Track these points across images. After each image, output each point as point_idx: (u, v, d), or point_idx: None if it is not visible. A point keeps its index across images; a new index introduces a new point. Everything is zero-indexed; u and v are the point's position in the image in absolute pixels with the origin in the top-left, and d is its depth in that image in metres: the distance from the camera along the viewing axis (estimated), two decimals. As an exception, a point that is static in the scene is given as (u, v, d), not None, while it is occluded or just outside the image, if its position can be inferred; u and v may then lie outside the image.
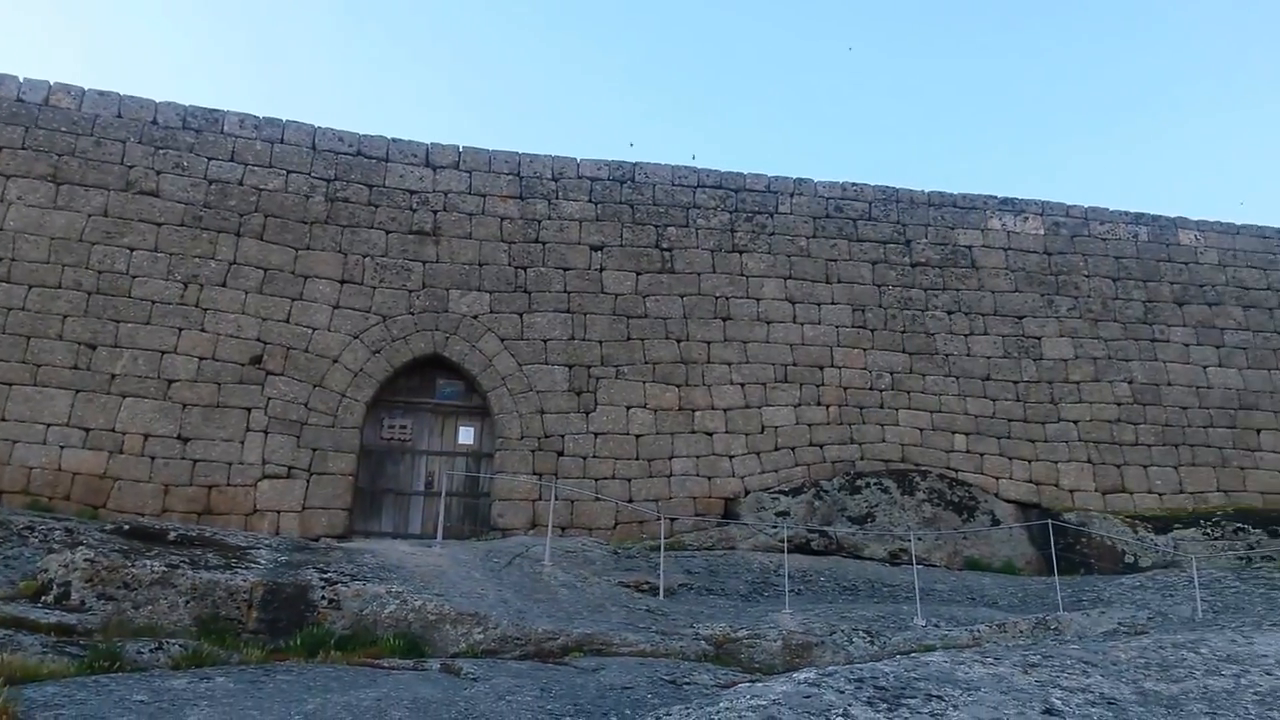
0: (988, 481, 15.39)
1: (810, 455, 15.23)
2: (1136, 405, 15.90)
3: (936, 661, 5.59)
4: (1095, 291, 16.53)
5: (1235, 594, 11.58)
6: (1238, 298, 16.73)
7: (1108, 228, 16.99)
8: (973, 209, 16.94)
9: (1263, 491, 15.53)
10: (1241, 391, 16.13)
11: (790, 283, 16.08)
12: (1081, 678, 5.16)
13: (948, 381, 15.84)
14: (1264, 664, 5.30)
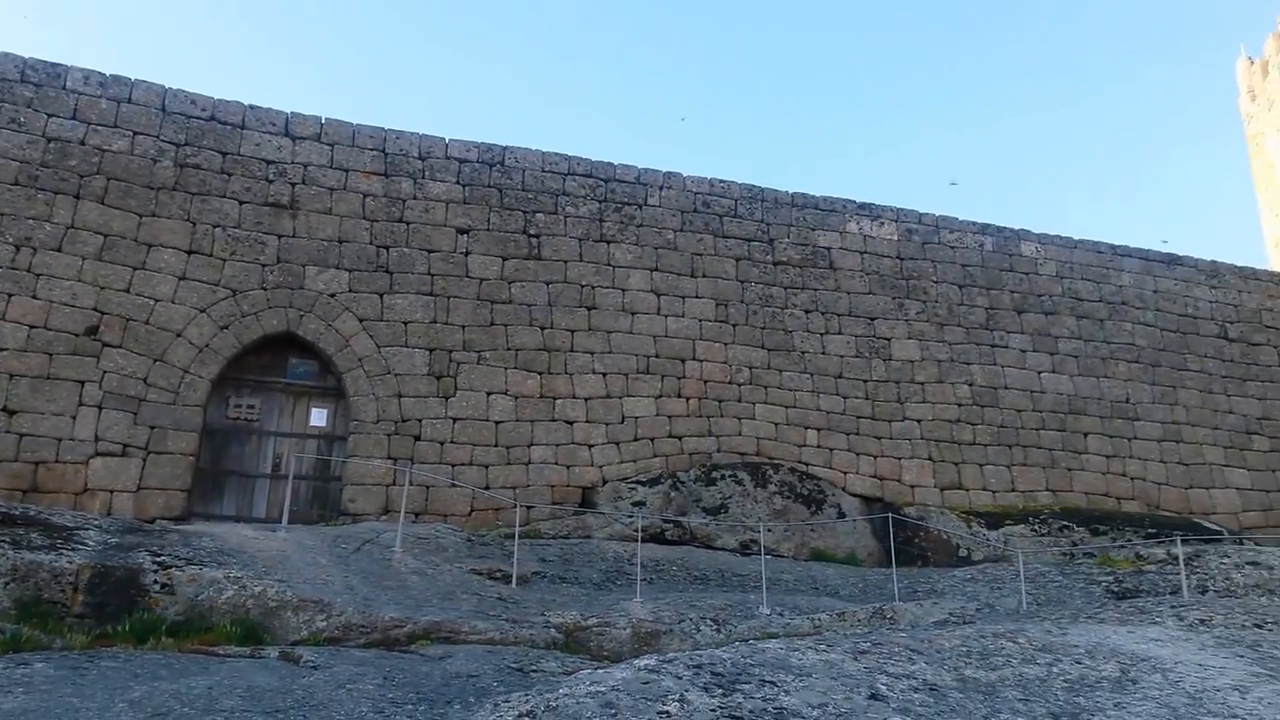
0: (836, 476, 15.89)
1: (669, 447, 15.40)
2: (975, 407, 16.70)
3: (772, 648, 5.75)
4: (943, 297, 17.26)
5: (1057, 588, 12.30)
6: (1072, 308, 17.74)
7: (957, 236, 17.75)
8: (833, 212, 17.44)
9: (1087, 492, 16.54)
10: (1071, 397, 17.13)
11: (656, 275, 16.20)
12: (907, 664, 5.40)
13: (803, 378, 16.27)
14: (1075, 654, 5.67)
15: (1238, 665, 6.07)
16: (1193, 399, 17.63)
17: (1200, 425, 17.51)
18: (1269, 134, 31.69)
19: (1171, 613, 8.64)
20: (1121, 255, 18.37)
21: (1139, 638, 6.21)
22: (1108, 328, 17.73)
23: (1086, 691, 5.06)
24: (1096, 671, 5.35)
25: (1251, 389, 18.07)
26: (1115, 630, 6.50)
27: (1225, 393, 17.89)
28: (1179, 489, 17.02)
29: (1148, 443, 17.16)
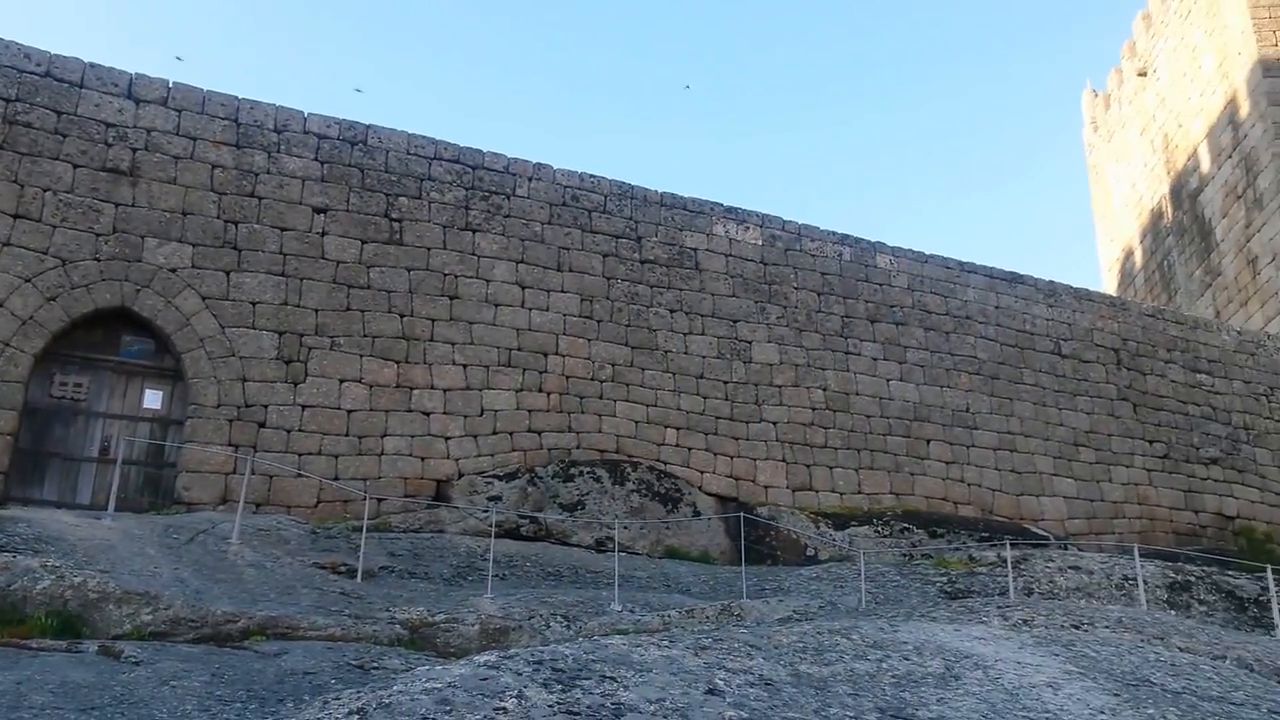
0: (693, 475, 16.07)
1: (528, 441, 15.27)
2: (828, 411, 17.16)
3: (615, 644, 5.75)
4: (802, 303, 17.68)
5: (895, 587, 12.75)
6: (921, 320, 18.44)
7: (817, 245, 18.21)
8: (700, 214, 17.63)
9: (927, 496, 17.22)
10: (917, 405, 17.80)
11: (522, 267, 16.04)
12: (745, 660, 5.47)
13: (665, 377, 16.39)
14: (904, 650, 5.86)
15: (1053, 663, 6.40)
16: (1027, 411, 18.57)
17: (1033, 436, 18.46)
18: (1107, 164, 33.76)
19: (998, 613, 9.05)
20: (968, 271, 19.20)
21: (964, 636, 6.48)
22: (952, 340, 18.51)
23: (912, 687, 5.24)
24: (923, 668, 5.55)
25: (1081, 404, 19.16)
26: (943, 629, 6.77)
27: (1057, 406, 18.92)
28: (1011, 496, 17.91)
29: (985, 451, 17.99)
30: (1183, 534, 18.88)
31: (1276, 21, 23.81)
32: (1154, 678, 7.01)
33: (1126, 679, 6.69)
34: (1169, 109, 28.78)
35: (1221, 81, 25.47)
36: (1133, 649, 8.07)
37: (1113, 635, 8.91)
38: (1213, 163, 26.08)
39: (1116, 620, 9.62)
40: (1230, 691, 7.44)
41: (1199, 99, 26.76)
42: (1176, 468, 19.46)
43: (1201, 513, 19.40)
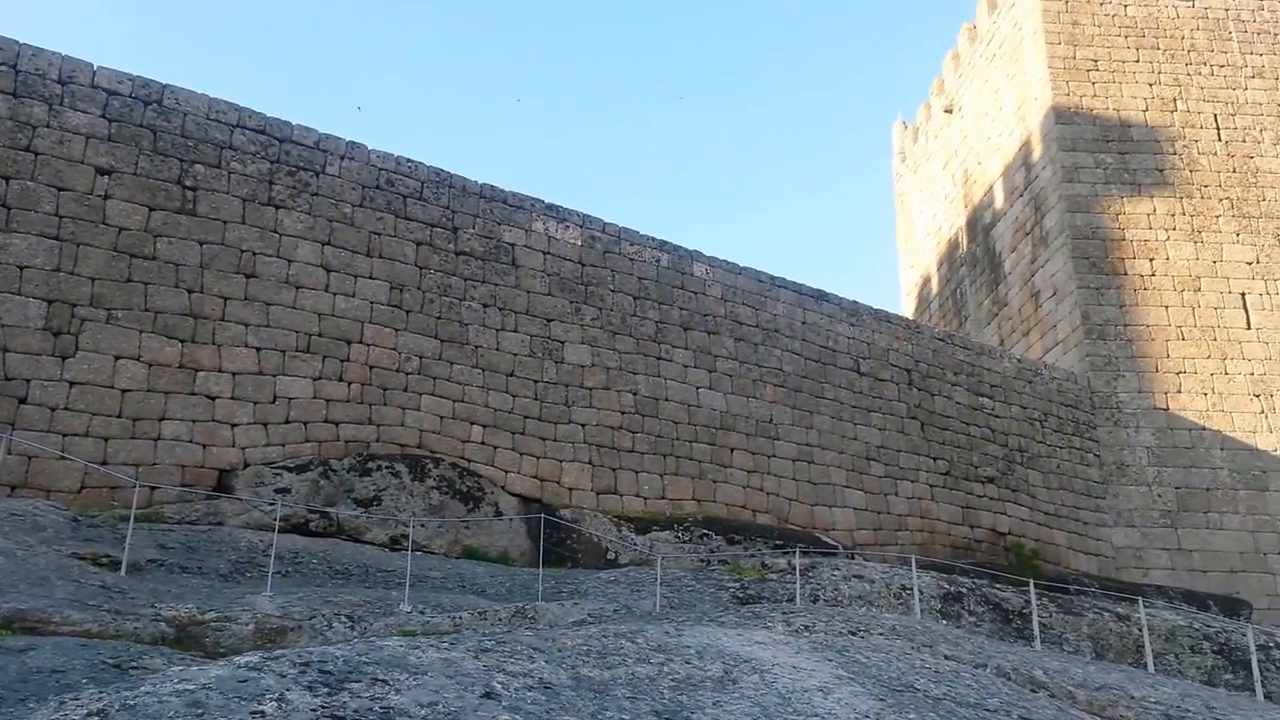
0: (497, 474, 15.80)
1: (324, 432, 14.61)
2: (637, 415, 17.26)
3: (391, 646, 5.49)
4: (617, 306, 17.73)
5: (690, 592, 12.92)
6: (732, 330, 18.85)
7: (636, 249, 18.31)
8: (520, 209, 17.39)
9: (728, 503, 17.59)
10: (723, 414, 18.17)
11: (328, 249, 15.35)
12: (527, 663, 5.34)
13: (474, 373, 16.05)
14: (686, 654, 5.87)
15: (826, 668, 6.58)
16: (825, 424, 19.29)
17: (829, 449, 19.18)
18: (912, 193, 35.71)
19: (782, 618, 9.28)
20: (779, 286, 19.78)
21: (746, 641, 6.57)
22: (760, 352, 19.01)
23: (691, 690, 5.24)
24: (702, 671, 5.57)
25: (875, 420, 20.07)
26: (726, 633, 6.84)
27: (853, 421, 19.74)
28: (806, 505, 18.54)
29: (784, 461, 18.55)
30: (959, 547, 20.07)
31: (1071, 72, 25.80)
32: (918, 684, 7.32)
33: (893, 684, 6.95)
34: (970, 146, 30.70)
35: (1019, 124, 27.38)
36: (901, 656, 8.42)
37: (886, 642, 9.28)
38: (1006, 200, 27.99)
39: (891, 628, 10.04)
40: (986, 698, 7.86)
41: (998, 139, 28.68)
42: (957, 485, 20.67)
43: (977, 528, 20.67)
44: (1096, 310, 23.87)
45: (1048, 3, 26.31)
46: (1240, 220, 24.60)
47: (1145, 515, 22.51)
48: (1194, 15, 26.49)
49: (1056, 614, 15.13)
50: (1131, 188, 24.75)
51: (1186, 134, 25.25)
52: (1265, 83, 25.87)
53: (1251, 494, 22.65)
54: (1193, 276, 24.12)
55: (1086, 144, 25.08)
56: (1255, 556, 22.21)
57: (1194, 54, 26.05)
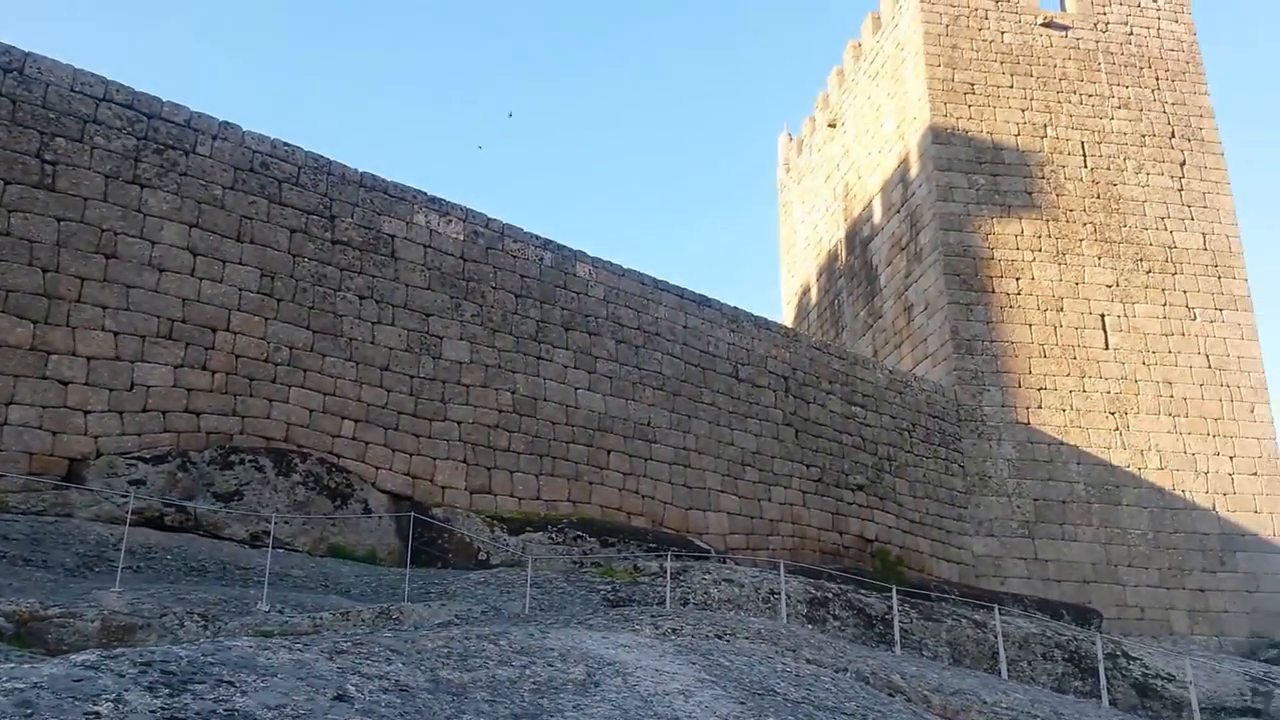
0: (368, 470, 15.41)
1: (184, 422, 13.99)
2: (515, 415, 17.08)
3: (240, 646, 5.27)
4: (499, 304, 17.52)
5: (561, 594, 12.84)
6: (613, 332, 18.84)
7: (520, 247, 18.14)
8: (402, 200, 17.02)
9: (603, 505, 17.57)
10: (602, 415, 18.15)
11: (196, 232, 14.71)
12: (383, 665, 5.18)
13: (347, 366, 15.63)
14: (549, 656, 5.79)
15: (690, 671, 6.60)
16: (702, 429, 19.48)
17: (706, 453, 19.37)
18: (796, 204, 36.47)
19: (650, 621, 9.30)
20: (662, 289, 19.88)
21: (611, 643, 6.53)
22: (641, 355, 19.06)
23: (551, 693, 5.17)
24: (565, 674, 5.51)
25: (751, 426, 20.36)
26: (593, 636, 6.80)
27: (730, 426, 19.99)
28: (681, 509, 18.68)
29: (660, 464, 18.64)
30: (828, 553, 20.53)
31: (949, 94, 26.73)
32: (779, 687, 7.42)
33: (754, 688, 7.02)
34: (852, 160, 31.53)
35: (898, 142, 28.24)
36: (765, 660, 8.52)
37: (751, 646, 9.39)
38: (884, 215, 28.83)
39: (757, 632, 10.18)
40: (844, 702, 8.03)
41: (878, 155, 29.52)
42: (828, 491, 21.14)
43: (845, 534, 21.19)
44: (965, 326, 24.79)
45: (929, 26, 27.23)
46: (1102, 244, 25.92)
47: (1005, 525, 23.46)
48: (1066, 45, 27.81)
49: (917, 620, 15.60)
50: (1001, 209, 25.81)
51: (1055, 159, 26.48)
52: (1130, 114, 27.34)
53: (1105, 508, 23.85)
54: (1056, 297, 25.29)
55: (961, 164, 26.04)
56: (1107, 568, 23.38)
57: (1065, 83, 27.34)
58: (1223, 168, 27.04)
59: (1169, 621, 22.98)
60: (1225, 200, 26.71)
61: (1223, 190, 26.78)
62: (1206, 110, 27.68)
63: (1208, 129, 27.45)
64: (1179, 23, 28.55)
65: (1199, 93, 27.81)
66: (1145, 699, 15.69)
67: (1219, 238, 26.35)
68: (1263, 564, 23.87)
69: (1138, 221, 26.19)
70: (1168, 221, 26.31)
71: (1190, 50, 28.26)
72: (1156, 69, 27.84)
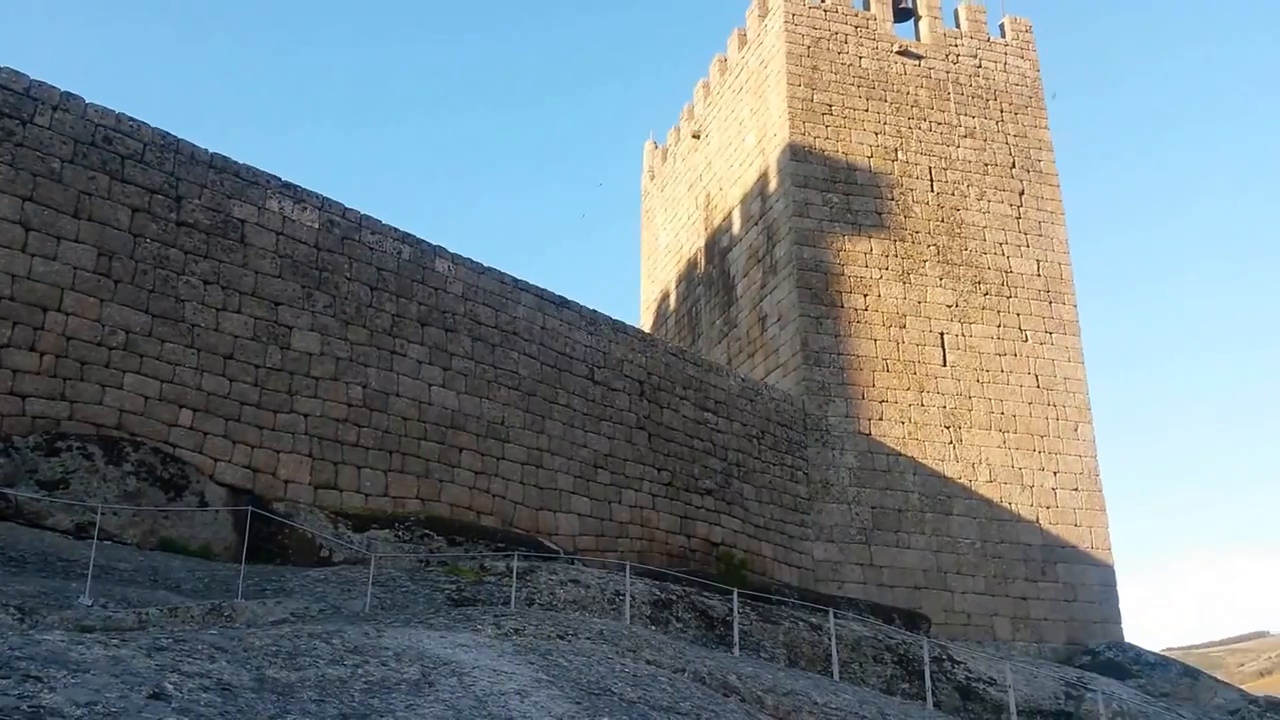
0: (206, 462, 14.84)
1: (7, 405, 13.20)
2: (365, 409, 16.74)
3: (51, 641, 5.06)
4: (353, 295, 17.13)
5: (405, 593, 12.67)
6: (470, 329, 18.68)
7: (377, 239, 17.79)
8: (254, 184, 16.46)
9: (453, 504, 17.40)
10: (455, 413, 17.97)
11: (29, 205, 13.88)
12: (206, 663, 5.04)
13: (188, 353, 15.01)
14: (384, 656, 5.74)
15: (527, 671, 6.66)
16: (556, 430, 19.52)
17: (559, 454, 19.43)
18: (658, 211, 36.97)
19: (493, 621, 9.30)
20: (521, 289, 19.84)
21: (449, 643, 6.52)
22: (497, 353, 18.97)
23: (383, 693, 5.14)
24: (399, 674, 5.47)
25: (604, 428, 20.54)
26: (431, 635, 6.76)
27: (584, 428, 20.11)
28: (532, 510, 18.68)
29: (513, 464, 18.60)
30: (675, 555, 20.89)
31: (808, 113, 27.60)
32: (615, 687, 7.56)
33: (591, 688, 7.14)
34: (714, 172, 32.19)
35: (759, 157, 29.00)
36: (604, 660, 8.66)
37: (592, 646, 9.51)
38: (742, 227, 29.54)
39: (599, 632, 10.30)
40: (679, 702, 8.24)
41: (739, 168, 30.23)
42: (677, 495, 21.51)
43: (693, 537, 21.60)
44: (815, 338, 25.65)
45: (792, 46, 28.08)
46: (944, 266, 27.26)
47: (844, 532, 24.37)
48: (919, 74, 29.13)
49: (757, 622, 16.06)
50: (853, 227, 26.83)
51: (904, 183, 27.70)
52: (975, 143, 28.85)
53: (937, 517, 25.05)
54: (900, 314, 26.45)
55: (817, 182, 26.95)
56: (937, 575, 24.56)
57: (916, 110, 28.64)
58: (1058, 199, 28.89)
59: (993, 628, 24.34)
60: (1059, 230, 28.53)
61: (1057, 220, 28.60)
62: (1046, 143, 29.51)
63: (1046, 161, 29.27)
64: (1024, 59, 30.33)
65: (1040, 126, 29.63)
66: (968, 701, 16.60)
67: (1051, 265, 28.12)
68: (1080, 575, 25.53)
69: (978, 246, 27.67)
70: (1005, 247, 27.91)
71: (1033, 86, 30.09)
72: (1001, 101, 29.53)
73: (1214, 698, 22.21)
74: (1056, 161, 29.35)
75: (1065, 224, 28.69)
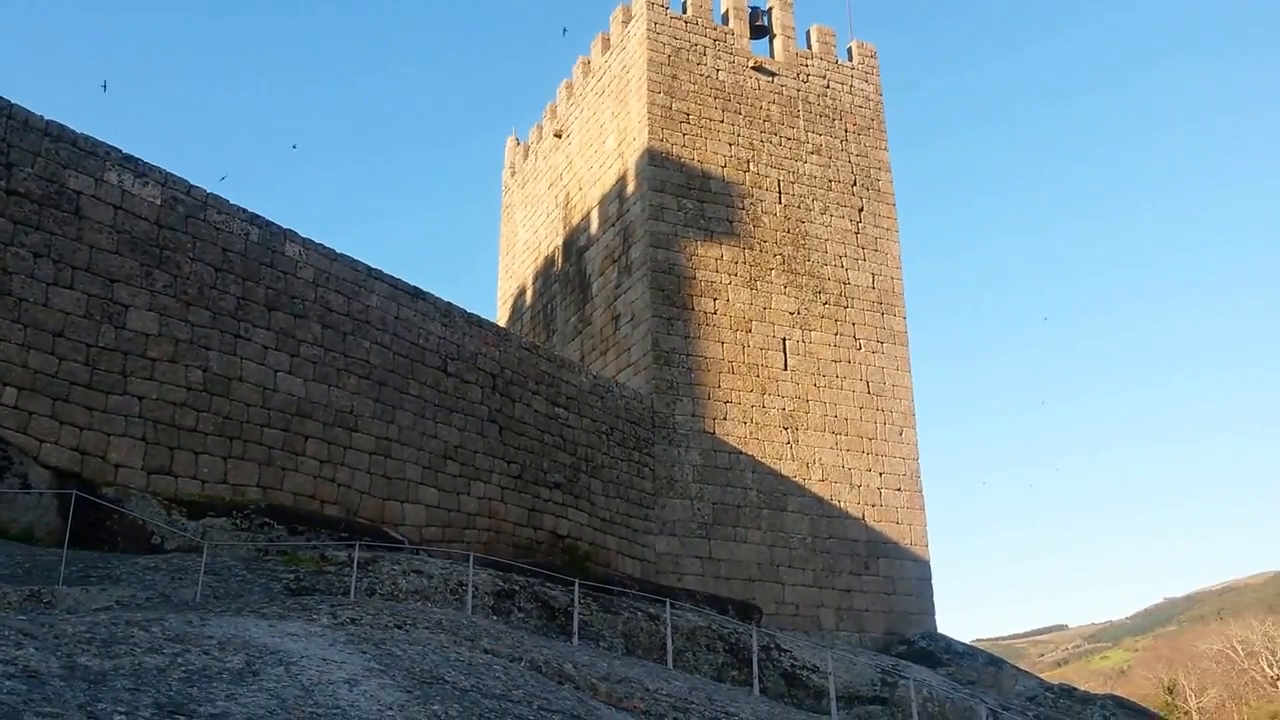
0: (30, 443, 14.20)
1: None
2: (205, 394, 16.31)
3: None
4: (196, 276, 16.64)
5: (240, 582, 12.49)
6: (321, 316, 18.39)
7: (224, 219, 17.32)
8: (92, 154, 15.79)
9: (296, 493, 17.13)
10: (301, 400, 17.68)
11: None
12: (12, 649, 5.00)
13: (14, 329, 14.32)
14: (206, 644, 5.78)
15: (358, 660, 6.80)
16: (406, 420, 19.44)
17: (408, 445, 19.35)
18: (518, 207, 36.99)
19: (329, 611, 9.33)
20: (375, 278, 19.64)
21: (278, 632, 6.58)
22: (349, 341, 18.74)
23: (204, 682, 5.20)
24: (221, 663, 5.53)
25: (456, 420, 20.57)
26: (259, 624, 6.80)
27: (434, 420, 20.08)
28: (378, 500, 18.56)
29: (360, 454, 18.43)
30: (522, 547, 21.11)
31: (667, 120, 28.20)
32: (448, 676, 7.77)
33: (423, 677, 7.33)
34: (575, 171, 32.47)
35: (618, 159, 29.44)
36: (439, 649, 8.85)
37: (430, 636, 9.68)
38: (600, 227, 29.94)
39: (437, 622, 10.47)
40: (512, 689, 8.51)
41: (599, 169, 30.61)
42: (526, 488, 21.74)
43: (540, 530, 21.87)
44: (665, 339, 26.29)
45: (653, 54, 28.65)
46: (788, 275, 28.34)
47: (685, 526, 25.10)
48: (772, 90, 30.17)
49: (598, 612, 16.45)
50: (705, 233, 27.60)
51: (754, 193, 28.65)
52: (821, 159, 30.09)
53: (773, 513, 26.09)
54: (746, 319, 27.38)
55: (673, 188, 27.60)
56: (770, 568, 25.59)
57: (768, 124, 29.65)
58: (893, 216, 30.46)
59: (819, 618, 25.54)
60: (893, 246, 30.09)
61: (891, 237, 30.16)
62: (884, 164, 31.05)
63: (884, 181, 30.81)
64: (869, 83, 31.80)
65: (879, 148, 31.15)
66: (792, 688, 17.46)
67: (885, 278, 29.63)
68: (900, 569, 27.08)
69: (820, 257, 28.90)
70: (844, 260, 29.24)
71: (876, 108, 31.59)
72: (846, 122, 30.88)
73: (1015, 685, 24.00)
74: (894, 181, 31.00)
75: (898, 240, 30.31)
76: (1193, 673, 77.82)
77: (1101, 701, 23.63)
